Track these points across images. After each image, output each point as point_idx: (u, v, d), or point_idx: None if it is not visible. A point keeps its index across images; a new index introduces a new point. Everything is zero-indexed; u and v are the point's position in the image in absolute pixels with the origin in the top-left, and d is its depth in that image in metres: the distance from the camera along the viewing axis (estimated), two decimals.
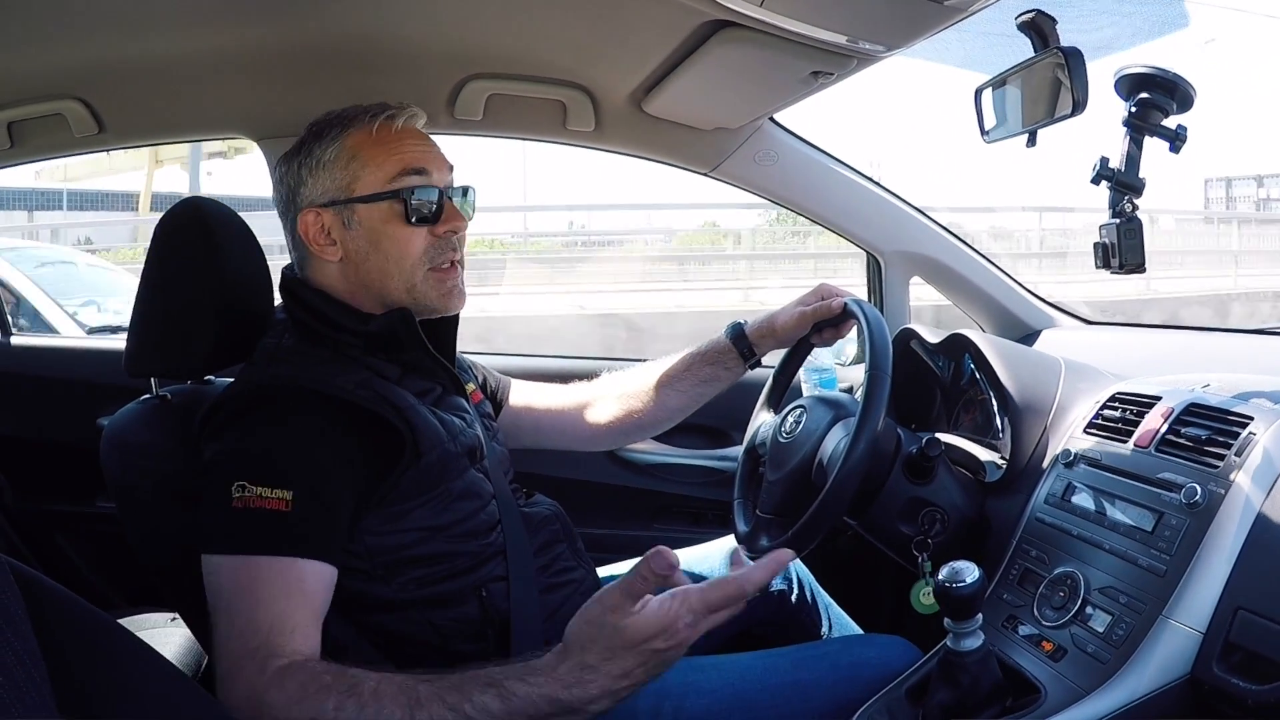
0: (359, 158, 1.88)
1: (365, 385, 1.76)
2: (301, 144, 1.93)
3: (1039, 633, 1.89)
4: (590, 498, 3.07)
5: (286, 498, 1.62)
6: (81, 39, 2.29)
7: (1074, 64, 1.88)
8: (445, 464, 1.83)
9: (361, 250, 1.89)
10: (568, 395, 2.52)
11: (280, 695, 1.48)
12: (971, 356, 2.57)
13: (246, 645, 1.54)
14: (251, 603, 1.57)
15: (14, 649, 0.99)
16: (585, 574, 2.09)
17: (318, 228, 1.89)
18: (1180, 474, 1.84)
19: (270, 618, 1.56)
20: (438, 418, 1.86)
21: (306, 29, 2.29)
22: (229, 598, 1.59)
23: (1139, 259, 1.98)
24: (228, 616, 1.58)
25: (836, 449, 2.07)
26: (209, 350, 1.95)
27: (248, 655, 1.53)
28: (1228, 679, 1.59)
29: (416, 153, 1.91)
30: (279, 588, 1.59)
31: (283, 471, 1.64)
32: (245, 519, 1.61)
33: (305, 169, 1.90)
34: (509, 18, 2.26)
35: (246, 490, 1.61)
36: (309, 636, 1.60)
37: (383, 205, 1.87)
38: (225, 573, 1.61)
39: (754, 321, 2.34)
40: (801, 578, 2.49)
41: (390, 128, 1.89)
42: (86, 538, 3.23)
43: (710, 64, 2.18)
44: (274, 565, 1.60)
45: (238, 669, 1.53)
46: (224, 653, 1.57)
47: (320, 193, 1.89)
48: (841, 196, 3.06)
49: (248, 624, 1.56)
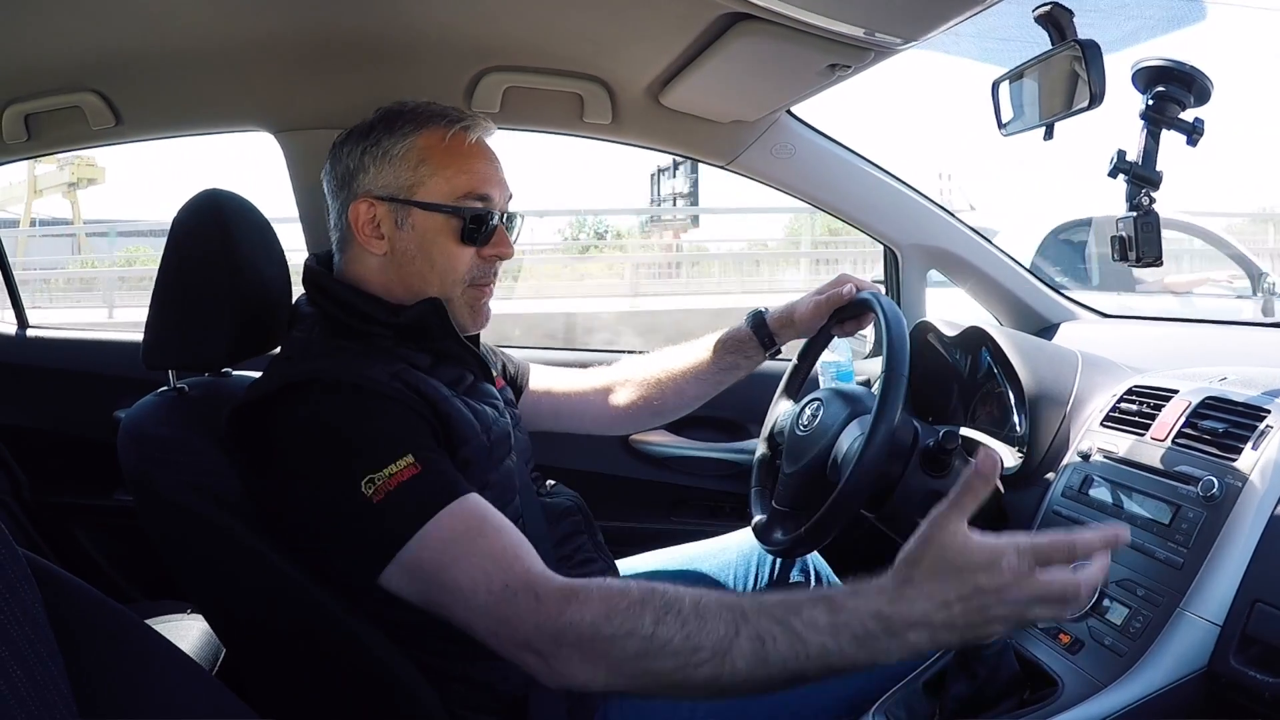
0: (428, 162, 1.87)
1: (399, 377, 1.74)
2: (370, 129, 1.92)
3: (1056, 625, 1.89)
4: (607, 490, 3.06)
5: (410, 460, 1.59)
6: (99, 31, 2.29)
7: (1091, 56, 1.88)
8: (480, 457, 1.82)
9: (409, 252, 1.89)
10: (587, 379, 2.51)
11: (584, 611, 1.45)
12: (989, 350, 2.57)
13: (494, 589, 1.51)
14: (457, 561, 1.54)
15: (31, 643, 1.00)
16: (605, 566, 2.09)
17: (369, 218, 1.88)
18: (1197, 467, 1.84)
19: (487, 556, 1.54)
20: (471, 409, 1.85)
21: (324, 21, 2.29)
22: (437, 579, 1.55)
23: (1156, 252, 1.98)
24: (453, 591, 1.54)
25: (851, 448, 2.06)
26: (227, 342, 1.94)
27: (506, 596, 1.50)
28: (1245, 672, 1.59)
29: (485, 176, 1.91)
30: (467, 530, 1.58)
31: (387, 445, 1.61)
32: (395, 500, 1.57)
33: (370, 156, 1.89)
34: (526, 10, 2.26)
35: (376, 480, 1.57)
36: (535, 555, 1.58)
37: (439, 217, 1.87)
38: (419, 558, 1.56)
39: (775, 311, 2.33)
40: (819, 570, 2.49)
41: (464, 139, 1.89)
42: (104, 531, 3.24)
43: (728, 57, 2.17)
44: (451, 516, 1.58)
45: (509, 611, 1.50)
46: (481, 616, 1.52)
47: (380, 185, 1.88)
48: (858, 190, 3.06)
49: (478, 576, 1.52)
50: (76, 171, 25.25)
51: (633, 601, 1.45)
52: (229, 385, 2.05)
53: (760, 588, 2.42)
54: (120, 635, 1.23)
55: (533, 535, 1.89)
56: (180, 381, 1.99)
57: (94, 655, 1.16)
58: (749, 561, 2.46)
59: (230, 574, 1.75)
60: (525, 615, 1.48)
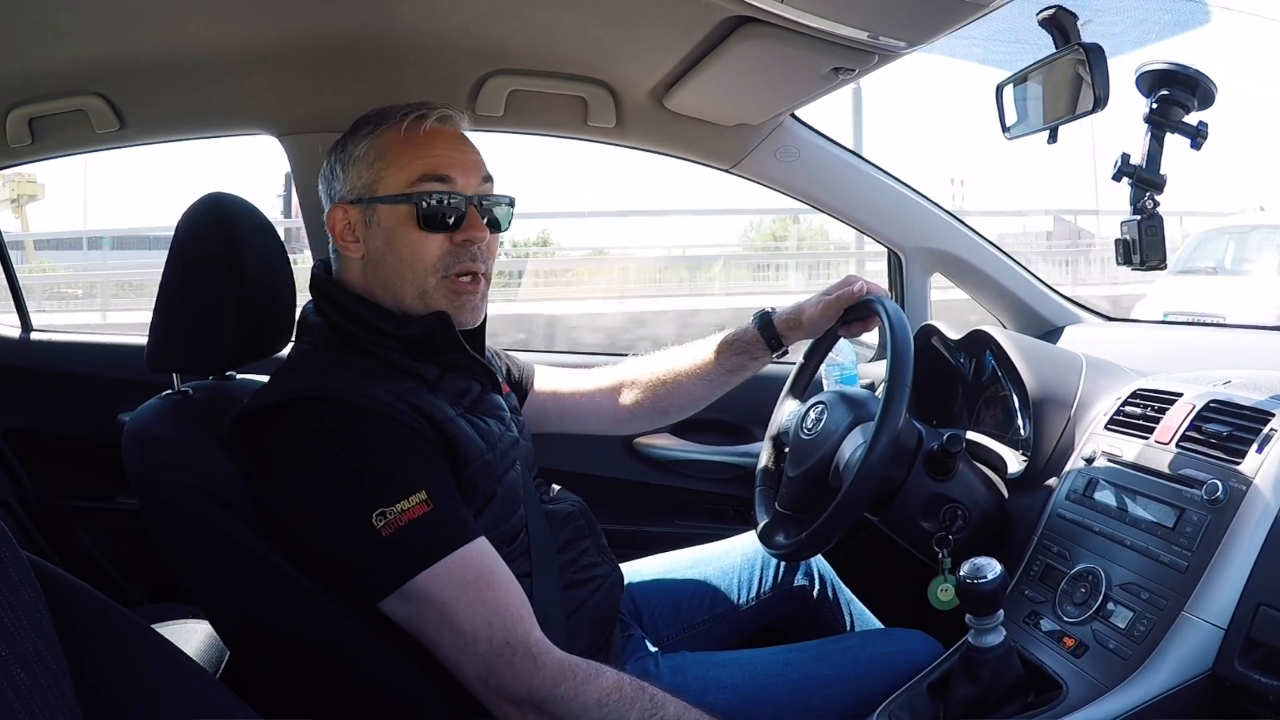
0: (385, 156, 1.87)
1: (403, 398, 1.75)
2: (342, 139, 1.92)
3: (1060, 628, 1.89)
4: (611, 493, 3.06)
5: (424, 498, 1.63)
6: (103, 34, 2.28)
7: (1095, 60, 1.88)
8: (483, 475, 1.82)
9: (379, 250, 1.88)
10: (593, 380, 2.50)
11: (578, 691, 1.57)
12: (993, 353, 2.57)
13: (495, 642, 1.60)
14: (465, 606, 1.61)
15: (35, 646, 1.00)
16: (610, 570, 2.09)
17: (344, 224, 1.88)
18: (1201, 470, 1.84)
19: (493, 609, 1.62)
20: (476, 427, 1.85)
21: (329, 24, 2.29)
22: (439, 616, 1.62)
23: (1160, 256, 1.98)
24: (452, 631, 1.61)
25: (853, 456, 2.06)
26: (231, 346, 1.94)
27: (506, 653, 1.60)
28: (1249, 675, 1.60)
29: (442, 158, 1.88)
30: (477, 579, 1.64)
31: (400, 479, 1.65)
32: (405, 537, 1.61)
33: (340, 163, 1.90)
34: (531, 13, 2.26)
35: (387, 514, 1.61)
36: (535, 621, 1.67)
37: (400, 207, 1.85)
38: (418, 599, 1.62)
39: (782, 312, 2.32)
40: (824, 574, 2.49)
41: (419, 128, 1.87)
42: (108, 533, 3.23)
43: (732, 60, 2.17)
44: (455, 563, 1.63)
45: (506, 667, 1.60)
46: (473, 661, 1.61)
47: (349, 189, 1.88)
48: (863, 193, 3.06)
49: (479, 624, 1.61)
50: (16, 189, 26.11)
51: (625, 696, 1.56)
52: (233, 388, 2.05)
53: (764, 592, 2.43)
54: (124, 638, 1.23)
55: (536, 543, 1.90)
56: (184, 384, 1.99)
57: (98, 658, 1.16)
58: (753, 565, 2.46)
59: (234, 577, 1.75)
60: (522, 676, 1.58)
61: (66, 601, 1.13)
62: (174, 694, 1.26)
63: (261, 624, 1.80)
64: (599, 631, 1.98)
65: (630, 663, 2.07)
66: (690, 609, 2.41)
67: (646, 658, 2.10)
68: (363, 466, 1.66)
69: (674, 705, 1.58)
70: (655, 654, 2.12)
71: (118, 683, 1.18)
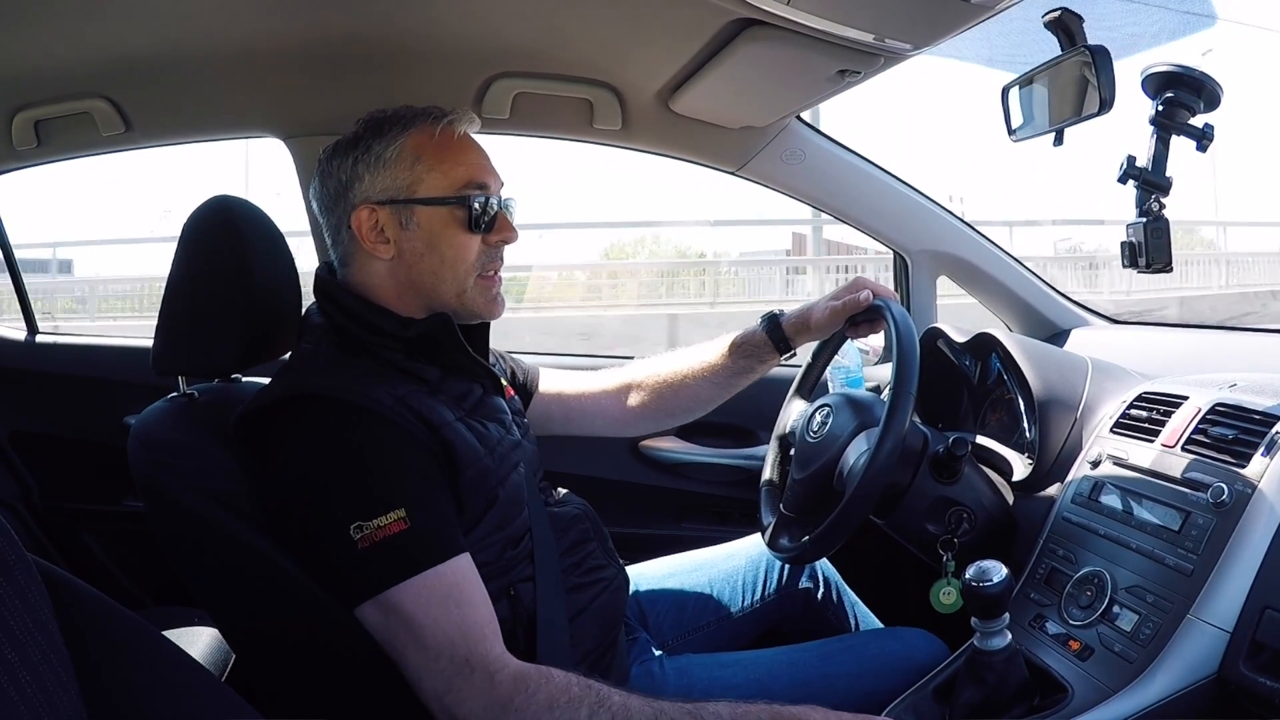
0: (424, 160, 1.88)
1: (403, 401, 1.76)
2: (358, 139, 1.92)
3: (1066, 632, 1.89)
4: (616, 496, 3.07)
5: (402, 515, 1.64)
6: (109, 37, 2.29)
7: (1101, 62, 1.88)
8: (481, 480, 1.82)
9: (417, 251, 1.89)
10: (598, 381, 2.50)
11: (530, 702, 1.58)
12: (999, 356, 2.56)
13: (455, 659, 1.61)
14: (431, 622, 1.61)
15: (41, 649, 1.00)
16: (615, 572, 2.09)
17: (371, 224, 1.88)
18: (1207, 473, 1.84)
19: (457, 628, 1.62)
20: (475, 431, 1.86)
21: (335, 27, 2.29)
22: (405, 629, 1.62)
23: (1166, 258, 1.97)
24: (416, 645, 1.62)
25: (857, 462, 2.06)
26: (236, 348, 1.94)
27: (464, 671, 1.60)
28: (1255, 678, 1.59)
29: (479, 165, 1.93)
30: (446, 596, 1.64)
31: (380, 494, 1.65)
32: (379, 553, 1.63)
33: (363, 165, 1.90)
34: (537, 16, 2.26)
35: (364, 528, 1.62)
36: (499, 636, 1.68)
37: (444, 210, 1.88)
38: (388, 610, 1.63)
39: (790, 314, 2.32)
40: (828, 576, 2.49)
41: (452, 133, 1.90)
42: (113, 536, 3.24)
43: (737, 62, 2.17)
44: (428, 580, 1.64)
45: (462, 685, 1.60)
46: (432, 676, 1.62)
47: (378, 190, 1.88)
48: (869, 195, 3.06)
49: (443, 641, 1.61)
50: None
51: (573, 698, 1.58)
52: (239, 391, 2.05)
53: (768, 595, 2.43)
54: (130, 641, 1.23)
55: (541, 546, 1.90)
56: (190, 387, 1.99)
57: (103, 661, 1.16)
58: (758, 567, 2.47)
59: (240, 580, 1.75)
60: (476, 693, 1.60)
61: (72, 605, 1.13)
62: (180, 698, 1.27)
63: (267, 627, 1.80)
64: (604, 634, 1.98)
65: (635, 665, 2.08)
66: (695, 612, 2.41)
67: (651, 660, 2.11)
68: (349, 474, 1.68)
69: (618, 696, 1.59)
70: (660, 656, 2.13)
71: (123, 686, 1.18)
